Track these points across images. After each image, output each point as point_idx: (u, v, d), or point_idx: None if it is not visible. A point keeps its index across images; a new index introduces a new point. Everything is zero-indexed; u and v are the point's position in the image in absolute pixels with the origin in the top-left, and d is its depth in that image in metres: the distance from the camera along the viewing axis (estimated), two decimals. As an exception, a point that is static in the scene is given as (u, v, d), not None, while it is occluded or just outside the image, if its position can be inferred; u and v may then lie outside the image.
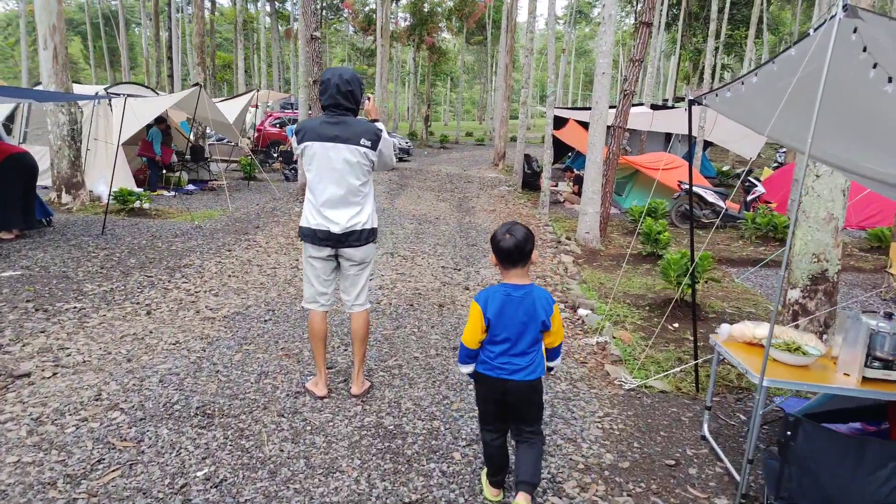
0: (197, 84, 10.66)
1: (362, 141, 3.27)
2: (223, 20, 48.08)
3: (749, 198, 10.88)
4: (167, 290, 5.50)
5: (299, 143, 3.30)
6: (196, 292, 5.47)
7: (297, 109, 20.84)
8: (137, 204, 9.58)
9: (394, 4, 31.13)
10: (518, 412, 2.49)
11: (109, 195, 8.47)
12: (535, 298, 2.39)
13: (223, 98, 14.72)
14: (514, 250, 2.37)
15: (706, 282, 6.10)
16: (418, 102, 39.99)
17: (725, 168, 20.21)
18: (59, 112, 9.32)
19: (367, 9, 30.46)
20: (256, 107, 20.03)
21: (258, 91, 13.22)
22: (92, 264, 6.20)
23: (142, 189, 11.07)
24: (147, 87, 12.43)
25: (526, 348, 2.40)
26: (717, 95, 3.57)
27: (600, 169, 8.54)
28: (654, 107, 20.01)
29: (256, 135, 19.93)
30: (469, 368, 2.51)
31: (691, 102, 3.83)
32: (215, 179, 13.68)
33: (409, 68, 44.61)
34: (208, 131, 14.35)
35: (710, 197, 10.75)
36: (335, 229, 3.26)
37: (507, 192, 14.59)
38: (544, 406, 2.73)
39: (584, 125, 15.24)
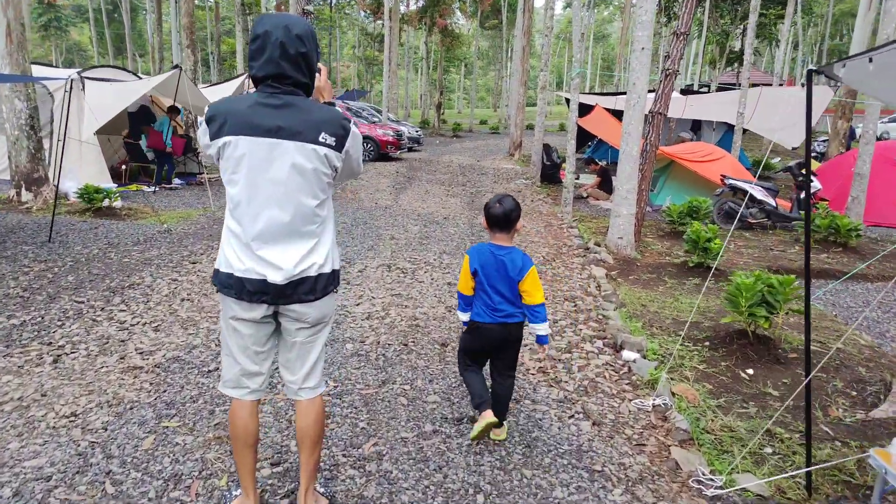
0: (177, 66, 9.49)
1: (322, 137, 2.06)
2: (231, 5, 46.89)
3: (804, 194, 9.48)
4: (95, 322, 4.32)
5: (213, 137, 2.05)
6: (132, 326, 4.29)
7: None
8: (106, 203, 8.46)
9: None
10: (498, 353, 2.91)
11: (56, 193, 7.30)
12: (513, 259, 2.75)
13: (210, 83, 13.55)
14: (502, 217, 2.74)
15: (787, 314, 4.81)
16: (431, 89, 38.59)
17: (769, 159, 18.66)
18: (14, 98, 8.18)
19: (376, -9, 29.05)
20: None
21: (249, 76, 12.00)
22: (17, 284, 5.05)
23: (117, 185, 9.95)
24: (128, 71, 11.28)
25: (508, 298, 2.78)
26: (844, 66, 2.42)
27: (636, 163, 7.23)
28: (684, 91, 18.55)
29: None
30: (466, 316, 2.92)
31: (814, 73, 2.56)
32: (204, 173, 12.54)
33: (422, 54, 43.13)
34: (199, 120, 13.18)
35: (759, 193, 9.38)
36: (276, 277, 2.05)
37: (525, 185, 13.29)
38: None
39: (613, 112, 13.89)
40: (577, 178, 14.95)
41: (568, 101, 15.34)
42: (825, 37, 38.14)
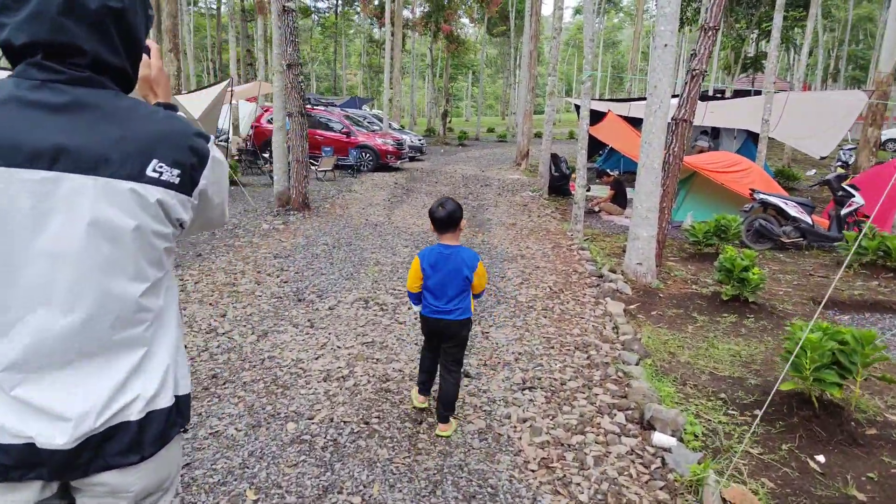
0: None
1: (154, 169, 1.14)
2: (235, 13, 46.31)
3: (844, 211, 8.44)
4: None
5: None
6: None
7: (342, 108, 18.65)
8: None
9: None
10: (446, 346, 3.16)
11: None
12: (462, 257, 3.02)
13: (190, 90, 12.73)
14: (446, 219, 2.98)
15: (866, 379, 3.79)
16: (438, 97, 37.78)
17: (791, 169, 17.56)
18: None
19: (379, -3, 28.27)
20: (255, 100, 18.08)
21: (233, 81, 11.21)
22: None
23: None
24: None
25: (453, 295, 3.03)
26: None
27: (658, 177, 6.24)
28: (703, 97, 17.54)
29: (252, 131, 17.96)
30: (419, 308, 3.18)
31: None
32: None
33: (428, 61, 42.34)
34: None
35: (793, 210, 8.36)
36: (54, 436, 1.08)
37: (531, 198, 12.32)
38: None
39: (626, 120, 12.90)
40: (588, 191, 13.98)
41: (578, 107, 14.41)
42: (844, 42, 36.97)
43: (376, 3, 27.95)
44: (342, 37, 49.27)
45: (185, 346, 4.13)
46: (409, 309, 5.13)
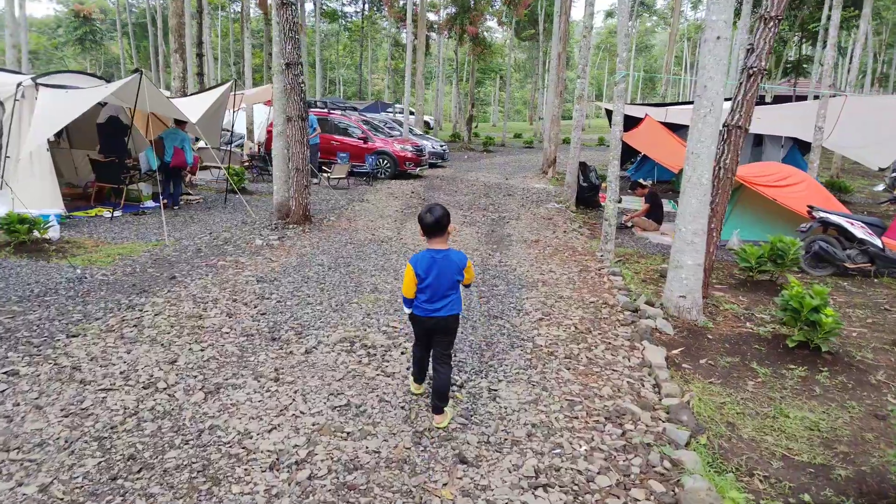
0: (137, 70, 7.92)
1: None
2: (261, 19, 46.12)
3: (921, 233, 7.28)
4: None
5: None
6: None
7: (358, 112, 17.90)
8: (36, 234, 6.89)
9: (435, -8, 28.16)
10: (438, 338, 3.31)
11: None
12: (452, 260, 3.17)
13: (190, 92, 12.07)
14: (434, 224, 3.11)
15: None
16: (463, 102, 36.91)
17: (842, 181, 16.18)
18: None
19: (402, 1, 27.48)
20: (271, 104, 17.42)
21: (236, 83, 10.44)
22: None
23: (67, 211, 8.41)
24: (93, 76, 9.80)
25: (445, 292, 3.19)
26: None
27: (707, 195, 5.24)
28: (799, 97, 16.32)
29: (268, 137, 17.33)
30: (409, 311, 3.30)
31: None
32: (188, 193, 10.99)
33: (454, 65, 41.52)
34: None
35: (859, 230, 7.24)
36: None
37: (557, 210, 11.33)
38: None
39: (669, 126, 11.84)
40: (619, 202, 12.92)
41: (609, 113, 13.36)
42: (894, 45, 35.03)
43: (401, 4, 27.16)
44: (368, 41, 48.81)
45: (109, 409, 3.28)
46: (402, 354, 4.22)
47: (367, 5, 43.64)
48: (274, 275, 6.14)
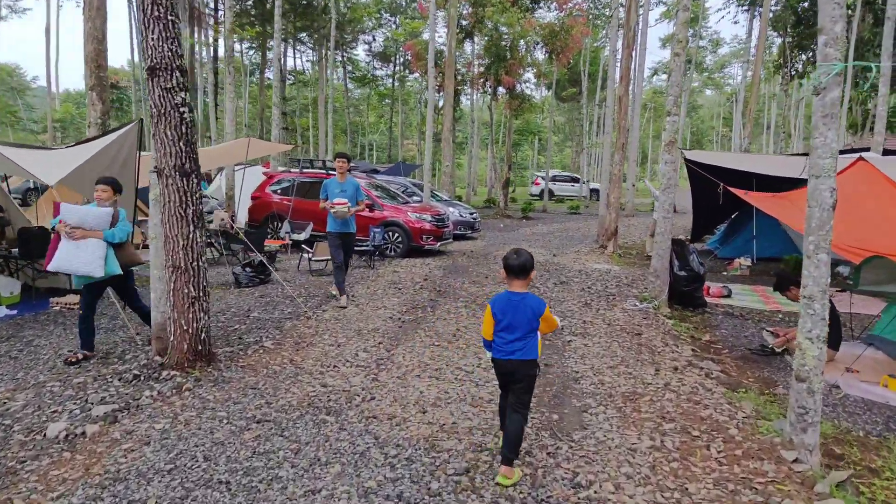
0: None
1: None
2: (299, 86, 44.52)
3: None
4: None
5: None
6: None
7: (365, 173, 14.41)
8: None
9: (466, 44, 25.27)
10: (513, 384, 3.24)
11: None
12: (529, 304, 3.18)
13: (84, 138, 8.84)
14: (518, 268, 3.19)
15: None
16: (499, 164, 33.57)
17: None
18: None
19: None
20: (269, 165, 14.10)
21: (143, 122, 7.02)
22: None
23: None
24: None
25: (521, 335, 3.17)
26: None
27: None
28: (886, 151, 12.13)
29: (251, 204, 13.90)
30: (489, 353, 3.30)
31: None
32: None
33: (488, 125, 38.52)
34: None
35: None
36: None
37: (642, 314, 7.23)
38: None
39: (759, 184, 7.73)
40: (728, 296, 8.71)
41: (690, 165, 9.42)
42: None
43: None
44: (399, 103, 46.69)
45: None
46: None
47: (397, 67, 41.66)
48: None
